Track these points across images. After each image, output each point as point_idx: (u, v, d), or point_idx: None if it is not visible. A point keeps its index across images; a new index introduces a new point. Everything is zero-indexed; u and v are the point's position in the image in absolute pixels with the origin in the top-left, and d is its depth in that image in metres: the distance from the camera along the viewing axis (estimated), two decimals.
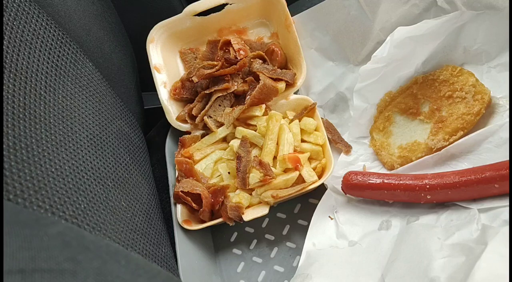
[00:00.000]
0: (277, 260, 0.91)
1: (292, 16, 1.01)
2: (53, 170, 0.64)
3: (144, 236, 0.80)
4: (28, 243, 0.33)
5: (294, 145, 0.91)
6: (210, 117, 0.98)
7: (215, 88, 0.98)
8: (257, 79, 0.97)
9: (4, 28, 0.67)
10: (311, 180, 0.87)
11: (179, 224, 0.90)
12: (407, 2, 0.90)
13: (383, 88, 0.92)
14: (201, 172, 0.95)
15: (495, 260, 0.62)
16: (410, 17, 0.91)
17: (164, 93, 1.04)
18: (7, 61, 0.64)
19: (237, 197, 0.88)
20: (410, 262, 0.71)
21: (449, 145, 0.82)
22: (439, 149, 0.83)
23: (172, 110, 1.03)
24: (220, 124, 0.98)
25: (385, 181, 0.81)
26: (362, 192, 0.84)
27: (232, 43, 1.04)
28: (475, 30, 0.84)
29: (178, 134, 1.01)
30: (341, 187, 0.86)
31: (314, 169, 0.90)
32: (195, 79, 0.99)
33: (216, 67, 0.98)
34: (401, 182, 0.80)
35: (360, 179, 0.83)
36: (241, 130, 0.94)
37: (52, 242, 0.36)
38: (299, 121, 0.94)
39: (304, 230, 0.87)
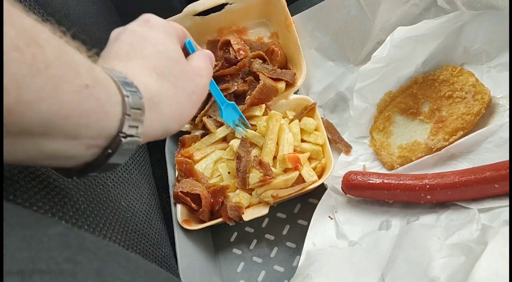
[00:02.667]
0: (277, 260, 0.92)
1: (292, 16, 1.01)
2: (53, 170, 0.64)
3: (144, 236, 0.80)
4: (28, 244, 0.33)
5: (294, 145, 0.91)
6: (210, 117, 0.98)
7: None
8: (257, 79, 0.97)
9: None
10: (311, 180, 0.87)
11: (179, 224, 0.90)
12: (407, 2, 0.90)
13: (383, 88, 0.92)
14: (201, 171, 0.95)
15: (495, 260, 0.62)
16: (410, 17, 0.91)
17: None
18: None
19: (237, 197, 0.88)
20: (410, 262, 0.71)
21: (449, 145, 0.82)
22: (439, 149, 0.83)
23: None
24: (220, 125, 0.98)
25: (385, 181, 0.81)
26: (362, 192, 0.84)
27: (232, 43, 1.04)
28: (475, 30, 0.84)
29: (178, 134, 1.01)
30: (341, 187, 0.86)
31: (314, 168, 0.90)
32: None
33: (216, 68, 0.98)
34: (401, 182, 0.80)
35: (360, 179, 0.83)
36: (241, 130, 0.94)
37: (52, 242, 0.36)
38: (299, 121, 0.94)
39: (304, 230, 0.87)
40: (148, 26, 0.59)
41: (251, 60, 0.99)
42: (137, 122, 0.42)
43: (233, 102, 0.89)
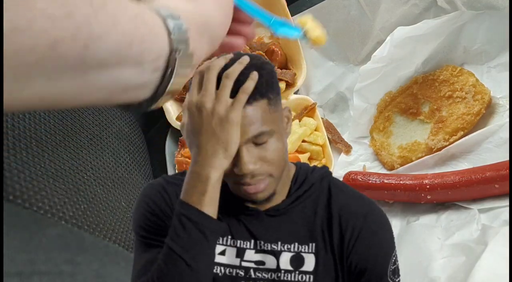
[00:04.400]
0: None
1: (292, 16, 1.01)
2: (53, 170, 0.64)
3: None
4: (27, 245, 0.33)
5: (300, 143, 0.91)
6: None
7: None
8: None
9: None
10: None
11: None
12: (407, 2, 0.90)
13: (383, 88, 0.92)
14: None
15: (495, 260, 0.62)
16: (410, 17, 0.90)
17: None
18: None
19: None
20: (410, 262, 0.71)
21: (449, 145, 0.82)
22: (439, 149, 0.83)
23: (172, 110, 1.02)
24: None
25: (385, 181, 0.81)
26: (362, 192, 0.84)
27: None
28: (475, 30, 0.84)
29: (178, 134, 1.01)
30: None
31: None
32: None
33: None
34: (401, 182, 0.80)
35: (360, 179, 0.83)
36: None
37: (51, 243, 0.36)
38: (299, 121, 0.94)
39: None
40: None
41: None
42: (183, 35, 0.46)
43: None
